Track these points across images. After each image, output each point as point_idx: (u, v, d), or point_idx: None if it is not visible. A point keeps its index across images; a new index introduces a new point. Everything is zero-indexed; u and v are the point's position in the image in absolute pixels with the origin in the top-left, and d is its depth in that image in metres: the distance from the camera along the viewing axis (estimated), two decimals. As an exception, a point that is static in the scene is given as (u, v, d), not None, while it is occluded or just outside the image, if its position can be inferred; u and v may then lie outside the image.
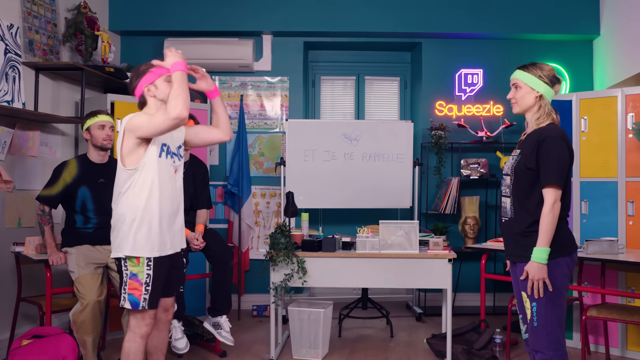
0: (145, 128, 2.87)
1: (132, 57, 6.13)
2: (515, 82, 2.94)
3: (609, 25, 5.77)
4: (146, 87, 3.02)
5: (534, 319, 2.79)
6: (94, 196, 3.89)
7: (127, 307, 2.94)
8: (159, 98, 3.02)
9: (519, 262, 2.85)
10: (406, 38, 6.22)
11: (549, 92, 2.88)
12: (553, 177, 2.72)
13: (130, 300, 2.93)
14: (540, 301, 2.76)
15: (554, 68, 2.94)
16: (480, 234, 6.02)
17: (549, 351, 2.78)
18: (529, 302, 2.81)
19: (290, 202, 4.40)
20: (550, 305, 2.77)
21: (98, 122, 3.92)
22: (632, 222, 4.52)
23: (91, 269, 3.73)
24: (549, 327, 2.77)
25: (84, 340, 3.62)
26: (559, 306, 2.79)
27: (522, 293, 2.87)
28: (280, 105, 6.23)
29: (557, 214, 2.72)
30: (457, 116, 6.16)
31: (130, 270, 2.94)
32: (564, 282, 2.81)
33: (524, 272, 2.78)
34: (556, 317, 2.79)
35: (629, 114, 4.55)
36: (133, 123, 2.89)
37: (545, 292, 2.76)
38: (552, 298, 2.77)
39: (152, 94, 3.02)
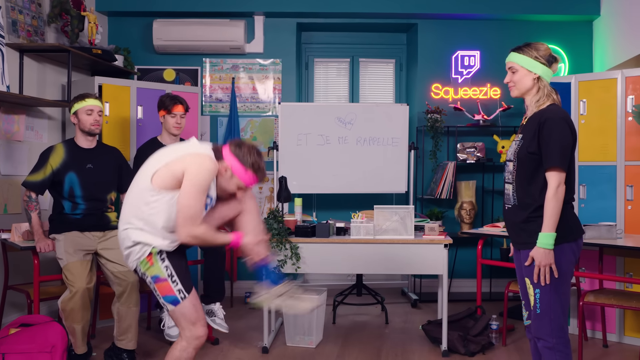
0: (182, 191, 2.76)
1: (120, 38, 6.09)
2: (511, 66, 2.90)
3: (609, 5, 5.76)
4: (227, 168, 2.89)
5: (537, 305, 2.79)
6: (82, 182, 3.88)
7: (172, 308, 2.82)
8: (222, 181, 2.91)
9: (524, 249, 2.85)
10: (401, 19, 6.20)
11: (546, 73, 2.85)
12: (556, 160, 2.70)
13: (169, 301, 2.82)
14: (544, 288, 2.76)
15: (549, 47, 2.91)
16: (476, 219, 6.04)
17: (552, 338, 2.79)
18: (532, 288, 2.81)
19: (283, 187, 4.41)
20: (554, 292, 2.77)
21: (86, 106, 3.90)
22: (631, 207, 4.54)
23: (80, 256, 3.72)
24: (552, 314, 2.78)
25: (73, 328, 3.63)
26: (563, 293, 2.80)
27: (525, 279, 2.87)
28: (273, 88, 6.22)
29: (561, 197, 2.71)
30: (454, 99, 6.16)
31: (149, 275, 2.85)
32: (569, 268, 2.81)
33: (529, 258, 2.78)
34: (559, 304, 2.79)
35: (629, 96, 4.56)
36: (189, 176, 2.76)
37: (549, 279, 2.76)
38: (556, 285, 2.76)
39: (223, 174, 2.89)
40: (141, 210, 2.80)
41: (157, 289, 2.84)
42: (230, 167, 2.86)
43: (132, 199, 2.86)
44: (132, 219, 2.82)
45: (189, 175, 2.73)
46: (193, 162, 2.76)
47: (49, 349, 3.48)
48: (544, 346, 2.81)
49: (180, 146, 2.91)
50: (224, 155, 2.88)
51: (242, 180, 2.88)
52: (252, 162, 2.88)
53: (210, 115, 6.20)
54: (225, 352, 4.30)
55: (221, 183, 2.90)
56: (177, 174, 2.75)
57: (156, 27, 5.91)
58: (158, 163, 2.82)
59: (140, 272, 2.88)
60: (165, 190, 2.76)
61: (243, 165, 2.86)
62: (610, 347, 4.45)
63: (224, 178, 2.88)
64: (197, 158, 2.78)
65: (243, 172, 2.87)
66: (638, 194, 4.51)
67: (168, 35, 5.92)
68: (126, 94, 5.10)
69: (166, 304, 2.83)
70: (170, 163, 2.78)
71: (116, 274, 3.81)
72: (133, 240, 2.82)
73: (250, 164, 2.87)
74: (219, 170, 2.86)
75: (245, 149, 2.89)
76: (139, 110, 5.16)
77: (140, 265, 2.85)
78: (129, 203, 2.87)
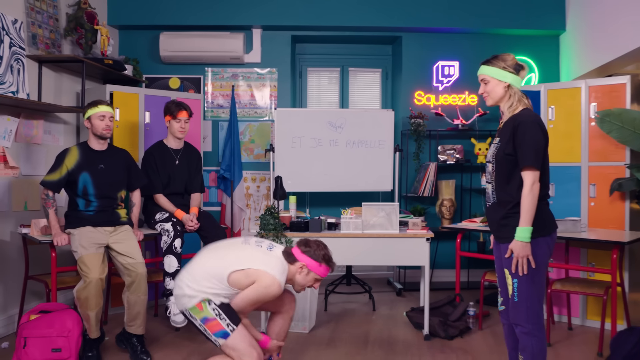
0: (243, 293, 2.96)
1: (129, 49, 6.12)
2: (483, 78, 2.92)
3: (573, 21, 5.83)
4: (302, 266, 3.04)
5: (515, 294, 2.82)
6: (95, 181, 3.89)
7: (223, 342, 2.91)
8: (300, 279, 3.08)
9: (504, 242, 2.87)
10: (387, 32, 6.23)
11: (516, 80, 2.87)
12: (529, 160, 2.72)
13: (220, 335, 2.91)
14: (521, 278, 2.79)
15: (515, 57, 2.93)
16: (455, 215, 6.09)
17: (528, 324, 2.82)
18: (511, 278, 2.83)
19: (279, 186, 4.41)
20: (530, 282, 2.79)
21: (99, 112, 3.90)
22: (594, 204, 4.60)
23: (93, 249, 3.73)
24: (528, 302, 2.80)
25: (88, 315, 3.65)
26: (539, 283, 2.82)
27: (504, 270, 2.90)
28: (270, 95, 6.25)
29: (536, 194, 2.74)
30: (435, 105, 6.20)
31: (198, 318, 2.94)
32: (544, 260, 2.83)
33: (508, 251, 2.81)
34: (535, 293, 2.81)
35: (592, 103, 4.62)
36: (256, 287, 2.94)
37: (527, 270, 2.79)
38: (532, 275, 2.79)
39: (300, 272, 3.05)
40: (202, 285, 2.95)
41: (208, 329, 2.93)
42: (306, 265, 3.03)
43: (197, 274, 2.98)
44: (192, 285, 2.96)
45: (257, 286, 2.91)
46: (265, 280, 2.91)
47: (66, 333, 3.52)
48: (521, 332, 2.84)
49: (262, 258, 3.01)
50: (296, 257, 3.05)
51: (317, 274, 3.06)
52: (323, 255, 3.06)
53: (212, 120, 6.22)
54: (226, 336, 4.33)
55: (299, 281, 3.08)
56: (250, 282, 2.93)
57: (162, 39, 5.94)
58: (238, 264, 2.96)
59: (188, 314, 2.98)
60: (234, 288, 2.96)
61: (316, 260, 3.03)
62: (575, 329, 4.52)
63: (301, 276, 3.07)
64: (269, 280, 2.92)
65: (317, 266, 3.04)
66: (600, 192, 4.57)
67: (173, 47, 5.94)
68: (135, 101, 5.12)
69: (217, 339, 2.91)
70: (249, 272, 2.94)
71: (126, 265, 3.83)
72: (188, 295, 2.95)
73: (322, 257, 3.05)
74: (295, 270, 3.04)
75: (313, 245, 3.06)
76: (146, 116, 5.18)
77: (190, 310, 2.96)
78: (192, 273, 3.00)
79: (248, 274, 2.94)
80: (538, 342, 2.83)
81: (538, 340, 2.83)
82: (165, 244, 4.17)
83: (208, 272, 2.97)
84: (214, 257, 3.06)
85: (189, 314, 2.97)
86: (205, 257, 3.08)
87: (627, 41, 4.74)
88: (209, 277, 2.95)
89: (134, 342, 3.84)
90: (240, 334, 2.93)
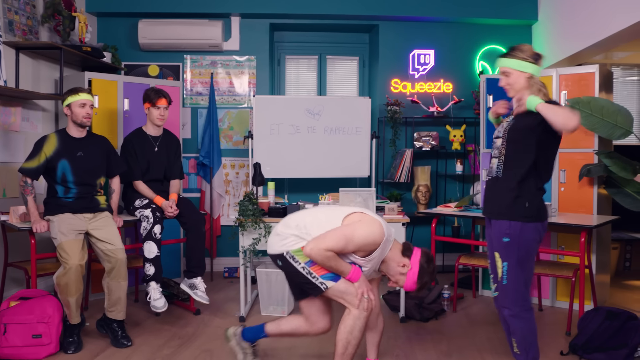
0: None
1: (108, 37, 6.04)
2: (505, 70, 2.91)
3: (545, 11, 5.87)
4: (406, 265, 2.93)
5: (504, 277, 2.86)
6: (74, 168, 3.85)
7: (332, 284, 2.82)
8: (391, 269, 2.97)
9: (497, 218, 2.90)
10: (364, 20, 6.23)
11: (536, 70, 2.89)
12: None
13: (329, 278, 2.83)
14: (511, 262, 2.84)
15: (531, 46, 2.95)
16: (431, 200, 6.14)
17: (515, 307, 2.87)
18: (501, 261, 2.88)
19: (257, 173, 4.40)
20: (519, 266, 2.84)
21: (79, 100, 3.86)
22: (564, 189, 4.67)
23: (73, 236, 3.70)
24: (516, 285, 2.86)
25: (68, 301, 3.62)
26: (527, 268, 2.88)
27: (494, 254, 2.93)
28: (248, 82, 6.22)
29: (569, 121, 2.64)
30: (411, 93, 6.23)
31: (302, 261, 2.84)
32: (534, 246, 2.88)
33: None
34: (523, 278, 2.87)
35: (562, 91, 4.67)
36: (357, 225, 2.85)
37: (516, 254, 2.83)
38: (521, 260, 2.84)
39: (400, 266, 2.94)
40: (311, 230, 2.86)
41: (314, 271, 2.82)
42: (411, 268, 2.90)
43: (307, 222, 2.91)
44: (300, 230, 2.88)
45: (361, 223, 2.83)
46: (371, 221, 2.85)
47: (46, 319, 3.50)
48: (509, 314, 2.89)
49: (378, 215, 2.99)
50: (413, 256, 2.93)
51: (406, 283, 2.93)
52: (426, 281, 2.93)
53: (191, 107, 6.18)
54: (206, 321, 4.33)
55: (391, 268, 2.95)
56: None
57: (141, 26, 5.87)
58: (353, 209, 2.95)
59: (289, 257, 2.86)
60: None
61: (419, 277, 2.90)
62: (545, 310, 4.61)
63: (396, 268, 2.93)
64: (376, 224, 2.84)
65: (413, 280, 2.91)
66: (570, 177, 4.64)
67: (152, 34, 5.87)
68: (114, 88, 5.06)
69: (325, 281, 2.82)
70: (363, 215, 2.90)
71: (106, 251, 3.80)
72: (295, 235, 2.86)
73: (424, 281, 2.92)
74: (399, 260, 2.92)
75: (432, 267, 2.94)
76: (125, 103, 5.12)
77: (293, 252, 2.85)
78: (301, 221, 2.93)
79: (362, 217, 2.88)
80: (527, 323, 2.89)
81: (526, 321, 2.89)
82: (145, 230, 4.14)
83: (319, 222, 2.89)
84: (327, 209, 3.02)
85: (291, 258, 2.85)
86: (317, 210, 3.02)
87: (596, 31, 4.80)
88: (322, 226, 2.85)
89: (115, 327, 3.83)
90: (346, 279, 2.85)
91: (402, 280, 2.94)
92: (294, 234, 2.88)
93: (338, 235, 2.78)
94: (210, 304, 4.62)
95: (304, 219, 2.93)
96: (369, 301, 2.86)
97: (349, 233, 2.78)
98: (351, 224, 2.84)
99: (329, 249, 2.74)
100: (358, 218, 2.88)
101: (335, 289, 2.83)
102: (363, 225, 2.82)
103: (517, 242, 2.85)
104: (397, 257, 2.94)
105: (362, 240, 2.79)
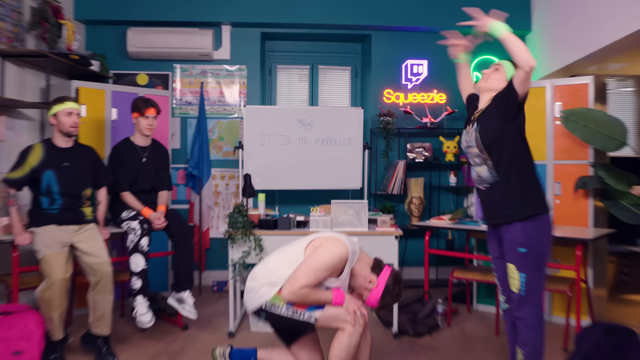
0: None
1: (96, 45, 5.99)
2: (499, 67, 3.02)
3: (539, 22, 5.89)
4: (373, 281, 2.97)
5: (523, 288, 2.84)
6: (59, 179, 3.81)
7: (320, 313, 2.83)
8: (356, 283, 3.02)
9: (506, 222, 2.87)
10: (357, 30, 6.22)
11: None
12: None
13: (315, 308, 2.84)
14: (529, 272, 2.81)
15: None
16: (424, 213, 6.11)
17: (533, 317, 2.85)
18: (518, 273, 2.84)
19: (247, 184, 4.38)
20: (537, 275, 2.83)
21: (66, 109, 3.83)
22: (559, 201, 4.66)
23: (57, 248, 3.65)
24: (534, 295, 2.84)
25: (50, 316, 3.55)
26: (544, 275, 2.87)
27: (509, 265, 2.89)
28: (239, 92, 6.18)
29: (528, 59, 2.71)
30: (404, 103, 6.21)
31: (283, 305, 2.85)
32: (549, 248, 2.87)
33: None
34: (541, 286, 2.86)
35: (556, 102, 4.68)
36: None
37: (533, 263, 2.80)
38: (539, 268, 2.83)
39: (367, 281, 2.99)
40: (280, 274, 2.89)
41: (298, 309, 2.84)
42: (377, 285, 2.95)
43: (272, 266, 2.96)
44: (269, 276, 2.91)
45: (322, 248, 2.89)
46: (332, 241, 2.93)
47: (28, 335, 3.43)
48: (524, 325, 2.86)
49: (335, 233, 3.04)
50: (382, 274, 2.97)
51: (369, 299, 2.97)
52: (389, 302, 2.97)
53: (180, 117, 6.13)
54: (194, 337, 4.27)
55: (357, 282, 3.01)
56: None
57: (130, 35, 5.83)
58: (311, 238, 3.01)
59: (269, 308, 2.86)
60: None
61: (382, 297, 2.94)
62: (541, 326, 4.58)
63: (363, 282, 2.99)
64: (337, 241, 2.91)
65: (376, 298, 2.95)
66: (565, 189, 4.63)
67: (141, 43, 5.84)
68: (101, 97, 5.01)
69: (312, 314, 2.83)
70: (320, 239, 2.98)
71: (91, 265, 3.75)
72: (268, 284, 2.89)
73: (386, 302, 2.97)
74: (367, 275, 2.97)
75: (397, 290, 2.98)
76: (113, 112, 5.07)
77: (271, 302, 2.86)
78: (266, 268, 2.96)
79: (321, 241, 2.93)
80: (540, 336, 2.88)
81: (540, 334, 2.88)
82: (132, 243, 4.09)
83: (283, 262, 2.94)
84: (288, 248, 3.05)
85: (271, 307, 2.85)
86: (278, 252, 3.05)
87: (590, 42, 4.81)
88: (287, 264, 2.90)
89: (99, 343, 3.77)
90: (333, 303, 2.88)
91: (366, 296, 3.00)
92: (265, 283, 2.91)
93: (306, 269, 2.82)
94: (199, 318, 4.56)
95: (268, 267, 2.97)
96: (363, 316, 2.89)
97: (315, 263, 2.83)
98: (313, 253, 2.89)
99: (304, 286, 2.78)
100: (318, 243, 2.94)
101: (325, 317, 2.85)
102: (325, 248, 2.87)
103: (534, 249, 2.82)
104: (365, 272, 3.00)
105: (330, 262, 2.84)
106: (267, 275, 2.91)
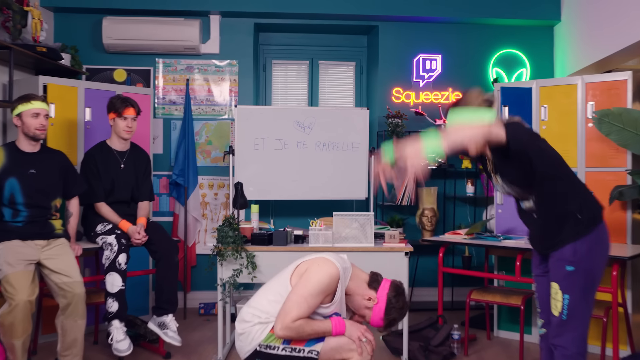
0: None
1: (67, 36, 5.96)
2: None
3: (569, 10, 5.87)
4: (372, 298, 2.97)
5: (564, 312, 2.79)
6: (24, 188, 3.79)
7: (322, 346, 2.84)
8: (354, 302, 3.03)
9: (558, 248, 2.82)
10: (362, 21, 6.21)
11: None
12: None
13: (315, 342, 2.84)
14: (574, 295, 2.76)
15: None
16: (438, 226, 6.08)
17: (573, 347, 2.78)
18: (561, 294, 2.79)
19: (239, 194, 4.38)
20: (584, 300, 2.77)
21: (32, 109, 3.83)
22: (592, 214, 4.61)
23: (21, 267, 3.62)
24: (577, 323, 2.78)
25: (12, 344, 3.52)
26: (591, 302, 2.81)
27: (553, 284, 2.85)
28: (229, 90, 6.17)
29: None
30: (415, 103, 6.20)
31: (279, 344, 2.85)
32: (602, 265, 2.81)
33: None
34: (587, 314, 2.80)
35: (589, 102, 4.64)
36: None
37: (581, 284, 2.76)
38: (587, 290, 2.78)
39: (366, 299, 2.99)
40: (269, 311, 2.90)
41: (296, 346, 2.84)
42: (377, 302, 2.95)
43: (259, 303, 2.96)
44: (258, 314, 2.92)
45: (310, 271, 2.89)
46: (320, 261, 2.94)
47: (-14, 366, 3.38)
48: (563, 354, 2.80)
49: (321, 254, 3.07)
50: (381, 288, 2.98)
51: (372, 319, 2.97)
52: (395, 317, 2.97)
53: (163, 118, 6.11)
54: (178, 366, 4.24)
55: (355, 302, 3.01)
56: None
57: (106, 24, 5.81)
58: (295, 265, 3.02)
59: (266, 348, 2.86)
60: None
61: (386, 313, 2.94)
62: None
63: (361, 302, 2.99)
64: (324, 261, 2.92)
65: (380, 316, 2.95)
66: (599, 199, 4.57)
67: (119, 34, 5.82)
68: (73, 95, 4.98)
69: (312, 348, 2.83)
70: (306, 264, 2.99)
71: (61, 285, 3.72)
72: (259, 323, 2.90)
73: (391, 317, 2.97)
74: (365, 293, 2.97)
75: (401, 302, 2.98)
76: (87, 112, 5.04)
77: (265, 342, 2.86)
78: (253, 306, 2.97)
79: (306, 265, 2.94)
80: None
81: None
82: (108, 260, 4.07)
83: (271, 298, 2.94)
84: (272, 282, 3.07)
85: (266, 348, 2.86)
86: (263, 289, 3.06)
87: (628, 33, 4.79)
88: (277, 299, 2.91)
89: (69, 375, 3.73)
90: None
91: (368, 316, 3.00)
92: (255, 324, 2.92)
93: (296, 299, 2.82)
94: (183, 345, 4.53)
95: (256, 306, 2.97)
96: (369, 342, 2.90)
97: (304, 290, 2.83)
98: (300, 280, 2.89)
99: (296, 319, 2.78)
100: (303, 268, 2.95)
101: (328, 350, 2.86)
102: (312, 271, 2.88)
103: (584, 268, 2.77)
104: (362, 289, 3.00)
105: (320, 285, 2.84)
106: (256, 315, 2.92)
